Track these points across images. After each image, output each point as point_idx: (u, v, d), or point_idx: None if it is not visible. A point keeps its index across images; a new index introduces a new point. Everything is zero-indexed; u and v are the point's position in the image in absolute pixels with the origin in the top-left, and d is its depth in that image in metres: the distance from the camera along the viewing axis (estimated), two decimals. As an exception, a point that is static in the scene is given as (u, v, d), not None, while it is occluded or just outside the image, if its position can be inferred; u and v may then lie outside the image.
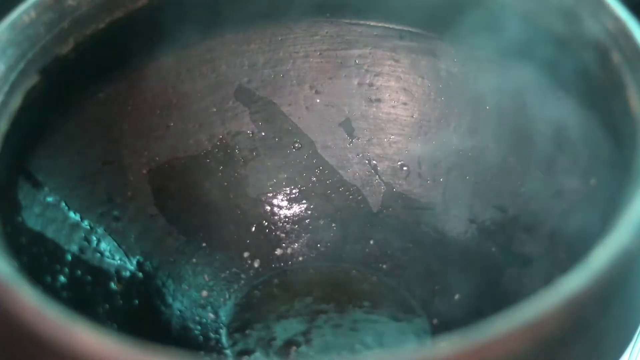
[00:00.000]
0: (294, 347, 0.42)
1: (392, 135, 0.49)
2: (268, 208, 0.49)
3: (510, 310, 0.26)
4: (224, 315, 0.44)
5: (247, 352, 0.42)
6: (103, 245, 0.42)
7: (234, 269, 0.47)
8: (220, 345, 0.43)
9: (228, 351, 0.42)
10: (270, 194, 0.49)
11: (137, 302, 0.42)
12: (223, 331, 0.43)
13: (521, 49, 0.41)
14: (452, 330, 0.26)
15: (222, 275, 0.46)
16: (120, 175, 0.45)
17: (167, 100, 0.47)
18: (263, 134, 0.49)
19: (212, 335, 0.43)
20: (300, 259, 0.47)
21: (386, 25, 0.47)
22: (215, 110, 0.48)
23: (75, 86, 0.41)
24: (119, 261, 0.42)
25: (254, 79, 0.48)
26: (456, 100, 0.47)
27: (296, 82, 0.49)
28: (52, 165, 0.41)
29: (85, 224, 0.42)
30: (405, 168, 0.48)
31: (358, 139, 0.49)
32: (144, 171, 0.46)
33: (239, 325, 0.44)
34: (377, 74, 0.49)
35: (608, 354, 0.30)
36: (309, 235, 0.48)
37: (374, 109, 0.49)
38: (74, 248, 0.40)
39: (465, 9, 0.42)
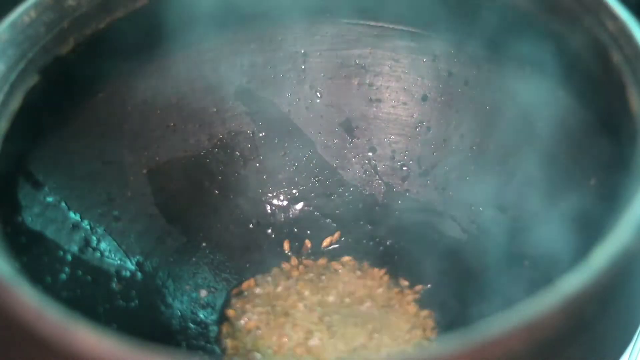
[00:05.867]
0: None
1: (392, 135, 0.49)
2: (268, 208, 0.49)
3: (510, 310, 0.26)
4: (224, 315, 0.44)
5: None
6: (103, 245, 0.42)
7: (233, 269, 0.47)
8: (219, 345, 0.43)
9: (227, 351, 0.42)
10: (270, 194, 0.49)
11: (137, 302, 0.42)
12: (223, 331, 0.43)
13: (521, 49, 0.41)
14: (452, 330, 0.26)
15: (222, 275, 0.46)
16: (120, 175, 0.45)
17: (167, 100, 0.47)
18: (263, 134, 0.49)
19: (211, 335, 0.43)
20: (301, 258, 0.47)
21: (386, 25, 0.47)
22: (215, 110, 0.48)
23: (75, 86, 0.41)
24: (119, 261, 0.43)
25: (254, 79, 0.49)
26: (456, 100, 0.47)
27: (296, 82, 0.49)
28: (52, 165, 0.41)
29: (85, 224, 0.42)
30: (405, 168, 0.48)
31: (358, 139, 0.49)
32: (144, 171, 0.46)
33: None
34: (377, 74, 0.49)
35: (608, 354, 0.30)
36: (308, 235, 0.48)
37: (374, 109, 0.49)
38: (74, 248, 0.40)
39: (466, 9, 0.42)
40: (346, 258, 0.47)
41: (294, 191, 0.49)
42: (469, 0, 0.42)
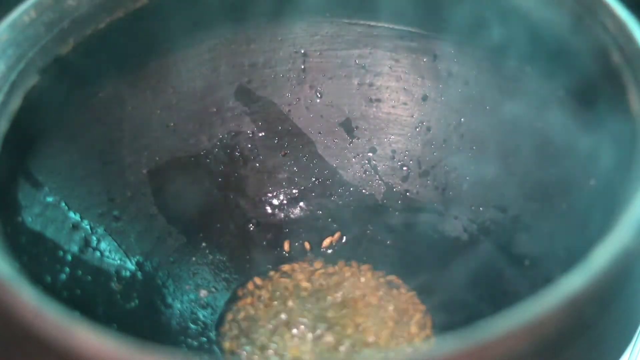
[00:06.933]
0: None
1: (392, 135, 0.49)
2: (268, 208, 0.49)
3: (510, 310, 0.26)
4: (224, 315, 0.44)
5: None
6: (103, 245, 0.42)
7: (233, 269, 0.47)
8: (220, 344, 0.43)
9: (227, 351, 0.42)
10: (270, 194, 0.49)
11: (137, 302, 0.42)
12: (222, 331, 0.43)
13: (521, 49, 0.41)
14: (452, 330, 0.26)
15: (222, 275, 0.46)
16: (120, 175, 0.45)
17: (167, 100, 0.47)
18: (263, 134, 0.49)
19: (212, 335, 0.43)
20: (301, 259, 0.47)
21: (386, 25, 0.47)
22: (215, 110, 0.48)
23: (75, 86, 0.41)
24: (119, 261, 0.43)
25: (254, 79, 0.49)
26: (456, 100, 0.47)
27: (296, 82, 0.49)
28: (52, 165, 0.41)
29: (85, 224, 0.42)
30: (405, 168, 0.48)
31: (358, 139, 0.49)
32: (144, 171, 0.46)
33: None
34: (377, 74, 0.49)
35: (608, 354, 0.30)
36: (308, 235, 0.48)
37: (374, 109, 0.49)
38: (74, 248, 0.40)
39: (465, 9, 0.42)
40: (346, 258, 0.47)
41: (294, 191, 0.49)
42: (469, 1, 0.42)
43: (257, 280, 0.46)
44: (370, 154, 0.49)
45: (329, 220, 0.49)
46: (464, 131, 0.47)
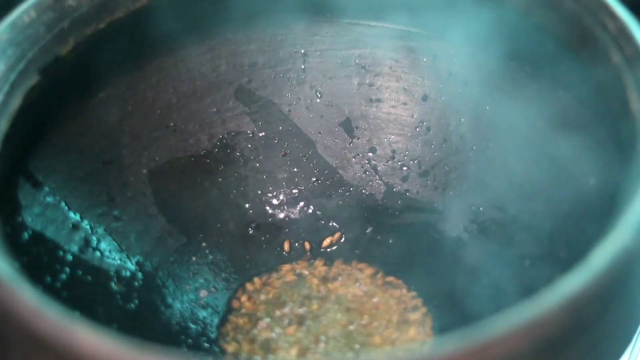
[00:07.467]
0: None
1: (392, 135, 0.49)
2: (268, 208, 0.49)
3: (510, 310, 0.26)
4: (224, 315, 0.44)
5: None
6: (103, 245, 0.42)
7: (233, 269, 0.47)
8: (219, 345, 0.43)
9: (228, 351, 0.42)
10: (270, 194, 0.49)
11: (137, 302, 0.42)
12: (223, 331, 0.43)
13: (521, 49, 0.41)
14: (452, 330, 0.26)
15: (222, 275, 0.46)
16: (120, 175, 0.45)
17: (167, 100, 0.47)
18: (263, 134, 0.49)
19: (211, 335, 0.43)
20: (300, 259, 0.47)
21: (386, 25, 0.47)
22: (215, 110, 0.48)
23: (75, 86, 0.41)
24: (119, 261, 0.43)
25: (254, 79, 0.49)
26: (456, 100, 0.47)
27: (296, 82, 0.49)
28: (52, 165, 0.41)
29: (85, 224, 0.42)
30: (405, 168, 0.48)
31: (358, 139, 0.49)
32: (144, 171, 0.46)
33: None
34: (377, 74, 0.49)
35: (608, 354, 0.30)
36: (308, 235, 0.48)
37: (374, 109, 0.49)
38: (74, 248, 0.40)
39: (465, 9, 0.42)
40: (346, 259, 0.47)
41: (294, 191, 0.49)
42: (469, 0, 0.42)
43: (257, 281, 0.46)
44: (370, 154, 0.49)
45: (329, 220, 0.49)
46: (464, 131, 0.47)
